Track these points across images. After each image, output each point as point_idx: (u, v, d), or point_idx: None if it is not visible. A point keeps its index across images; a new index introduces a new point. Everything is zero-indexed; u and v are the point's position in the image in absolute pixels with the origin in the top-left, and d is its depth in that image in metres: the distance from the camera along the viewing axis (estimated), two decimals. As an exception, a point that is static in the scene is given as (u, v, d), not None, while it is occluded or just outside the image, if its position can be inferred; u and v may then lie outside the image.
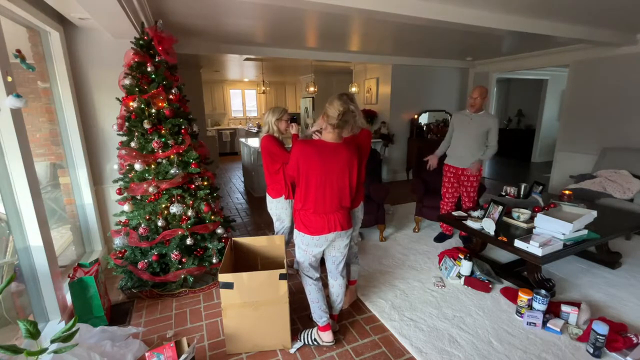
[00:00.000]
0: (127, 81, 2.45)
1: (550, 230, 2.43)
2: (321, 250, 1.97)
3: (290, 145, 2.36)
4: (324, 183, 1.84)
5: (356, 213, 2.25)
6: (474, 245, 3.15)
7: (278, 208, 2.59)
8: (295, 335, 2.08)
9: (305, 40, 4.43)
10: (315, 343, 2.02)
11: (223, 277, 1.87)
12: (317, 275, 2.06)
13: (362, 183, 2.14)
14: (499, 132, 3.12)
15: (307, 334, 2.05)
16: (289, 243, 2.74)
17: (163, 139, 2.45)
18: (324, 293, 2.08)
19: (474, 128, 3.14)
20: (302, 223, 1.92)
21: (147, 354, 1.72)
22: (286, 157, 2.42)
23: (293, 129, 2.53)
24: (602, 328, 1.86)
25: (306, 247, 1.95)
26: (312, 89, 6.99)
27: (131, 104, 2.42)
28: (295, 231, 1.99)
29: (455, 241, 3.51)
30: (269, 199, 2.61)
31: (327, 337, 2.00)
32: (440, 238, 3.55)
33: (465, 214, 2.97)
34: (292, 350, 1.99)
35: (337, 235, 1.93)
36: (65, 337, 1.36)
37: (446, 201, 3.43)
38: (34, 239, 1.96)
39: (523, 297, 2.24)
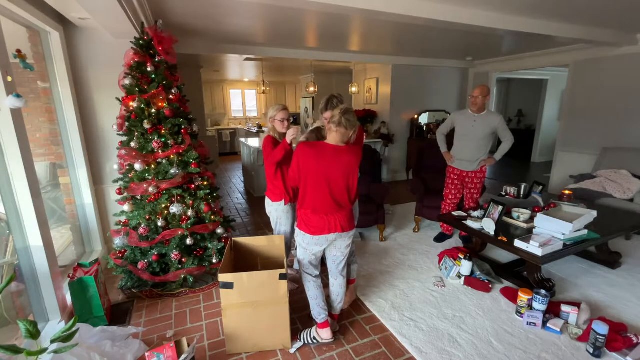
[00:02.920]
0: (127, 81, 2.45)
1: (550, 230, 2.43)
2: (322, 249, 1.98)
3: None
4: (321, 184, 1.86)
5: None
6: (474, 245, 3.15)
7: (278, 211, 2.48)
8: (295, 335, 2.08)
9: (305, 40, 4.43)
10: (315, 341, 2.02)
11: (223, 277, 1.87)
12: (317, 272, 2.08)
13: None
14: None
15: (307, 333, 2.05)
16: (290, 245, 2.68)
17: (163, 139, 2.45)
18: (324, 291, 2.10)
19: (480, 130, 3.06)
20: (303, 222, 1.95)
21: (147, 354, 1.72)
22: (271, 156, 2.31)
23: (289, 134, 2.27)
24: (602, 328, 1.86)
25: (307, 245, 1.97)
26: (312, 89, 6.99)
27: (131, 104, 2.42)
28: (297, 229, 2.00)
29: (455, 241, 3.51)
30: (268, 201, 2.51)
31: (325, 334, 2.01)
32: (440, 238, 3.55)
33: (465, 214, 2.97)
34: (292, 350, 1.99)
35: (338, 235, 1.94)
36: (65, 337, 1.36)
37: (448, 202, 3.42)
38: (34, 239, 1.96)
39: (523, 297, 2.24)
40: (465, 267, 2.68)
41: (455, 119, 3.27)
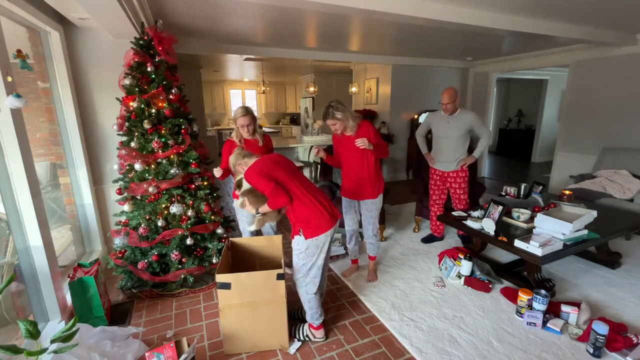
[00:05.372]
0: (127, 81, 2.46)
1: (550, 230, 2.43)
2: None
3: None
4: (297, 176, 1.91)
5: None
6: (474, 245, 3.15)
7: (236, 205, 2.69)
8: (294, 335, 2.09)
9: (305, 40, 4.43)
10: (308, 339, 2.06)
11: (220, 278, 1.87)
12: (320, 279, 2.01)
13: None
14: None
15: (300, 330, 2.08)
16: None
17: (163, 139, 2.45)
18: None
19: (454, 130, 3.04)
20: (311, 229, 1.87)
21: (147, 354, 1.72)
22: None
23: (216, 173, 2.45)
24: (602, 328, 1.86)
25: (321, 249, 1.91)
26: (312, 89, 6.98)
27: (131, 104, 2.42)
28: (306, 241, 1.89)
29: (446, 243, 3.49)
30: None
31: (320, 334, 2.06)
32: (428, 239, 3.52)
33: (465, 214, 2.96)
34: (291, 351, 1.99)
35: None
36: (65, 337, 1.36)
37: (432, 202, 3.38)
38: (34, 239, 1.96)
39: (523, 297, 2.24)
40: (465, 267, 2.68)
41: (431, 121, 3.25)
